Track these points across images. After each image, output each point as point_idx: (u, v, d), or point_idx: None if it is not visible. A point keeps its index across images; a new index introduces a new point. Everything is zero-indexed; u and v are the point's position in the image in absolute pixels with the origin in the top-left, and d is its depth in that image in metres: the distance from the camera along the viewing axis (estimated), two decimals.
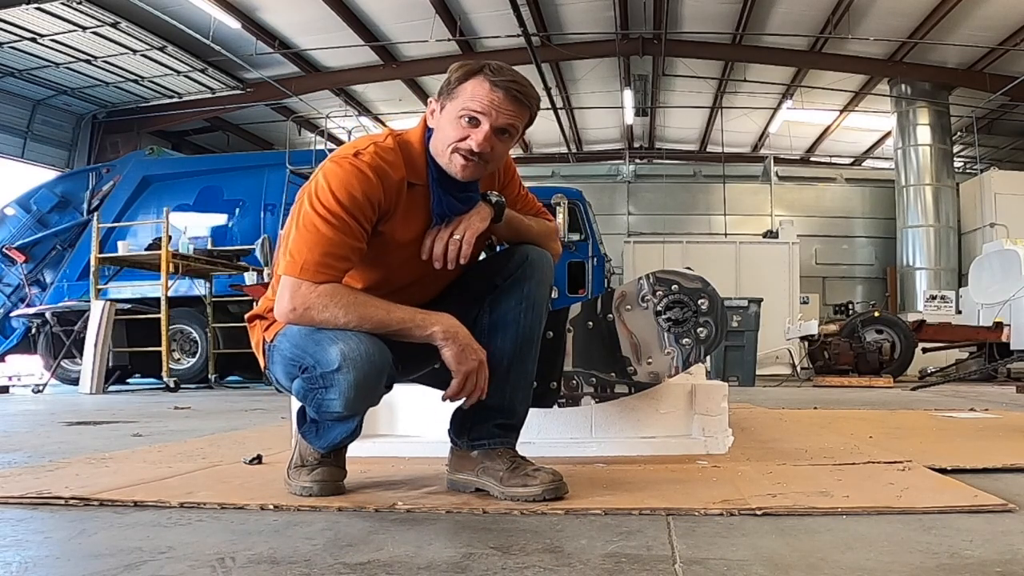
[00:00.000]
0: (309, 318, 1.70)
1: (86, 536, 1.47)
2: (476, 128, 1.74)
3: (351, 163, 1.71)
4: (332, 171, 1.72)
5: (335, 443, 1.82)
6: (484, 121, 1.73)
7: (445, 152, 1.77)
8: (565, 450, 2.38)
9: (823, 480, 1.93)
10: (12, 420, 4.57)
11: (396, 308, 1.73)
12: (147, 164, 10.93)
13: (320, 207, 1.69)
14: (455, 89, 1.76)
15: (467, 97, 1.74)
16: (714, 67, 15.05)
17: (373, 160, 1.73)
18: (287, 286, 1.71)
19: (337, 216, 1.68)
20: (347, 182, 1.69)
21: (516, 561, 1.27)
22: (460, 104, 1.74)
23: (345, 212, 1.68)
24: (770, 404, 5.25)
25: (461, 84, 1.75)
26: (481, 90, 1.73)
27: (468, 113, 1.73)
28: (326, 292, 1.69)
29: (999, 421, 3.67)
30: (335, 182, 1.70)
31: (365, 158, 1.72)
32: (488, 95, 1.73)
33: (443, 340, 1.71)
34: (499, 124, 1.74)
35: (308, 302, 1.68)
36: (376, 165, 1.72)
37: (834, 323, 10.60)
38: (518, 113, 1.77)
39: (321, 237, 1.68)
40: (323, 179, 1.72)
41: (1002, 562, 1.23)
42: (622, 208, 17.20)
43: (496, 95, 1.73)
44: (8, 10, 10.82)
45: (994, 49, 12.85)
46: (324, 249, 1.68)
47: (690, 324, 2.32)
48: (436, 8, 12.36)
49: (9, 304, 10.61)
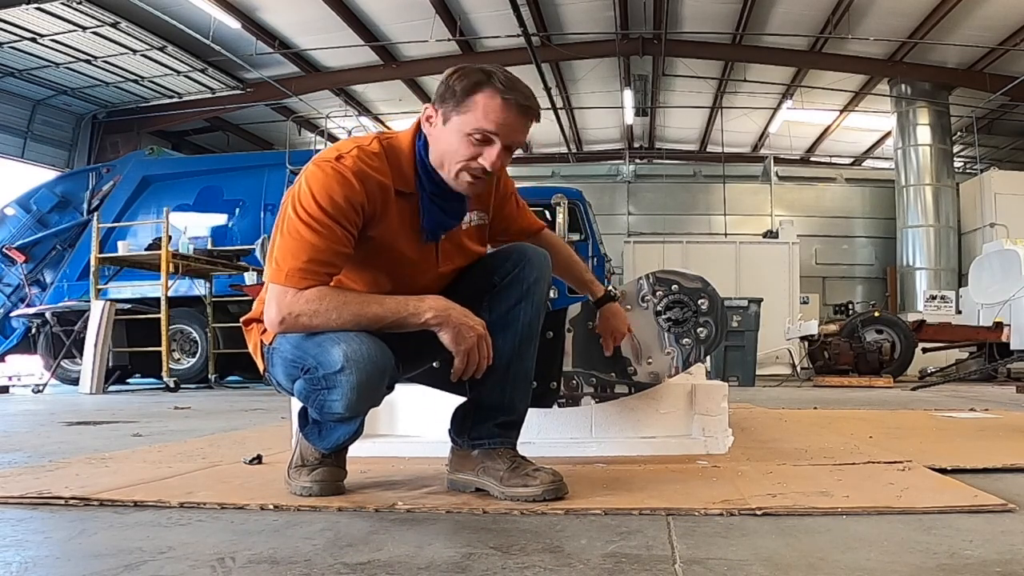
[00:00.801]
0: (302, 325, 1.68)
1: (86, 536, 1.47)
2: (489, 147, 1.70)
3: (332, 167, 1.68)
4: (313, 175, 1.69)
5: (338, 444, 1.82)
6: (497, 140, 1.70)
7: (452, 169, 1.73)
8: (565, 450, 2.38)
9: (823, 480, 1.93)
10: (12, 420, 4.57)
11: (387, 300, 1.71)
12: (147, 164, 10.93)
13: (303, 212, 1.66)
14: (463, 102, 1.70)
15: (480, 115, 1.68)
16: (714, 67, 15.05)
17: (355, 164, 1.69)
18: (273, 295, 1.69)
19: (320, 221, 1.65)
20: (328, 186, 1.66)
21: (516, 561, 1.27)
22: (472, 122, 1.69)
23: (328, 217, 1.65)
24: (770, 404, 5.26)
25: (470, 96, 1.69)
26: (493, 106, 1.68)
27: (481, 132, 1.69)
28: (314, 296, 1.66)
29: (999, 421, 3.67)
30: (316, 186, 1.67)
31: (347, 162, 1.69)
32: (502, 113, 1.69)
33: (437, 324, 1.70)
34: (510, 142, 1.73)
35: (297, 309, 1.66)
36: (358, 170, 1.69)
37: (834, 323, 10.60)
38: (527, 128, 1.76)
39: (304, 243, 1.65)
40: (305, 184, 1.69)
41: (1002, 562, 1.23)
42: (622, 208, 17.21)
43: (510, 114, 1.69)
44: (8, 10, 10.82)
45: (994, 49, 12.86)
46: (308, 255, 1.65)
47: (690, 324, 2.33)
48: (436, 8, 12.36)
49: (9, 304, 10.60)
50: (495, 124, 1.69)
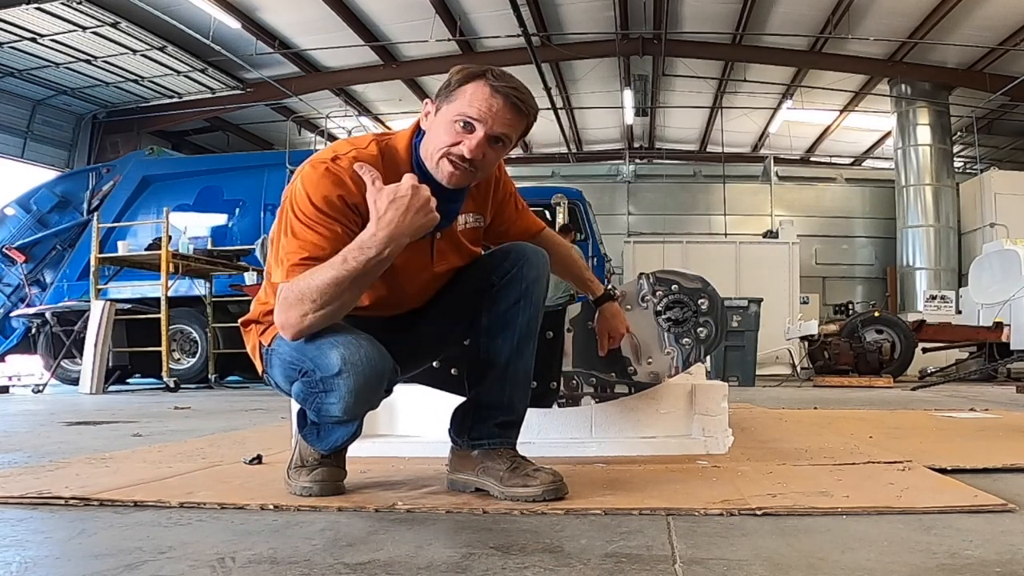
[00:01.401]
0: (309, 324, 1.64)
1: (86, 536, 1.47)
2: (470, 134, 1.70)
3: (327, 168, 1.68)
4: (308, 176, 1.69)
5: (336, 445, 1.82)
6: (479, 127, 1.69)
7: (434, 156, 1.73)
8: (565, 450, 2.38)
9: (823, 480, 1.93)
10: (12, 420, 4.57)
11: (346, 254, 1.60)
12: (147, 164, 10.92)
13: (300, 213, 1.67)
14: (454, 91, 1.71)
15: (465, 101, 1.69)
16: (714, 67, 15.05)
17: (350, 165, 1.68)
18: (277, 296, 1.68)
19: (318, 220, 1.65)
20: (323, 186, 1.66)
21: (516, 561, 1.27)
22: (457, 108, 1.70)
23: (325, 216, 1.65)
24: (770, 404, 5.26)
25: (461, 87, 1.71)
26: (480, 95, 1.69)
27: (464, 118, 1.69)
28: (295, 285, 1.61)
29: (999, 421, 3.67)
30: (311, 187, 1.67)
31: (343, 163, 1.69)
32: (487, 100, 1.69)
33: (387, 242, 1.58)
34: (494, 132, 1.70)
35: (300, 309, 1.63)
36: (353, 171, 1.68)
37: (834, 323, 10.61)
38: (515, 122, 1.73)
39: (305, 243, 1.65)
40: (300, 185, 1.69)
41: (1002, 562, 1.23)
42: (622, 208, 17.21)
43: (495, 101, 1.69)
44: (8, 10, 10.82)
45: (994, 49, 12.85)
46: (308, 253, 1.65)
47: (690, 324, 2.33)
48: (436, 8, 12.36)
49: (9, 304, 10.60)
50: (477, 110, 1.68)
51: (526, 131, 1.80)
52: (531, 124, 1.79)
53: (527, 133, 1.81)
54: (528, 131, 1.80)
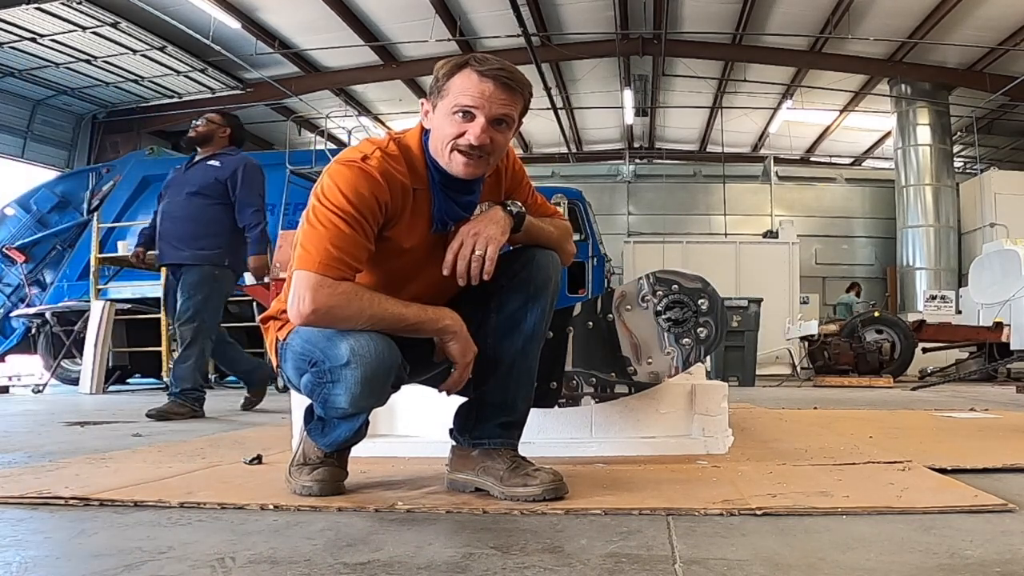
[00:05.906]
0: (332, 317, 1.67)
1: (86, 536, 1.47)
2: (472, 122, 1.72)
3: (360, 167, 1.70)
4: (339, 172, 1.71)
5: (339, 442, 1.83)
6: (478, 113, 1.71)
7: (444, 151, 1.75)
8: (565, 450, 2.38)
9: (823, 480, 1.93)
10: (12, 420, 4.57)
11: (408, 304, 1.75)
12: (147, 164, 10.90)
13: (331, 205, 1.67)
14: (444, 86, 1.74)
15: (457, 92, 1.72)
16: (714, 67, 15.05)
17: (380, 165, 1.72)
18: (306, 284, 1.65)
19: (349, 214, 1.67)
20: (356, 183, 1.68)
21: (516, 561, 1.27)
22: (451, 100, 1.72)
23: (356, 211, 1.67)
24: (770, 404, 5.26)
25: (449, 80, 1.74)
26: (470, 82, 1.72)
27: (461, 108, 1.71)
28: (350, 291, 1.67)
29: (999, 421, 3.67)
30: (343, 183, 1.68)
31: (373, 163, 1.71)
32: (478, 86, 1.71)
33: (452, 333, 1.76)
34: (493, 114, 1.72)
35: (333, 301, 1.65)
36: (384, 170, 1.72)
37: (834, 323, 10.61)
38: (511, 101, 1.75)
39: (337, 232, 1.66)
40: (330, 180, 1.70)
41: (1002, 562, 1.23)
42: (622, 208, 17.21)
43: (486, 85, 1.71)
44: (8, 10, 10.82)
45: (994, 49, 12.86)
46: (338, 244, 1.66)
47: (690, 324, 2.32)
48: (436, 8, 12.36)
49: (9, 304, 10.59)
50: (471, 97, 1.71)
51: (525, 108, 1.81)
52: (528, 100, 1.80)
53: (527, 110, 1.82)
54: (527, 108, 1.82)
